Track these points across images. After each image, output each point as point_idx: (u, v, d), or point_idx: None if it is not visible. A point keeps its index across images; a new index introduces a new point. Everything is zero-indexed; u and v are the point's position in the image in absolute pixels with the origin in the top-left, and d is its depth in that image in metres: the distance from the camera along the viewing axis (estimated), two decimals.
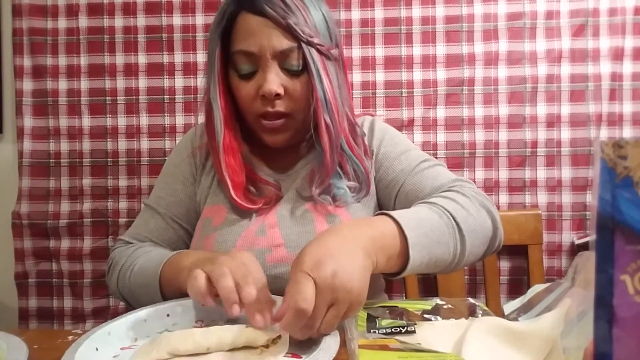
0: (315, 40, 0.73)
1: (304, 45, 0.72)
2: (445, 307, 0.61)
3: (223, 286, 0.54)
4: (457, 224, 0.66)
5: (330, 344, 0.51)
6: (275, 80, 0.73)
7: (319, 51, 0.74)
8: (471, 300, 0.62)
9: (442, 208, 0.67)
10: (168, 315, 0.63)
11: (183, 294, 0.64)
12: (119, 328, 0.58)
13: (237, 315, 0.54)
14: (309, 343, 0.54)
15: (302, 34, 0.72)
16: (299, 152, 0.86)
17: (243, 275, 0.56)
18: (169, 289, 0.70)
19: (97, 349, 0.53)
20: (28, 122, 1.40)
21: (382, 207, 0.85)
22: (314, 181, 0.79)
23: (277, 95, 0.74)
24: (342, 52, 0.82)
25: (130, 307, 0.75)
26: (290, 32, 0.72)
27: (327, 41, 0.76)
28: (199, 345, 0.52)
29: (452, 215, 0.66)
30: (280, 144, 0.80)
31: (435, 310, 0.60)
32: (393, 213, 0.63)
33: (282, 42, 0.72)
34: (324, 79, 0.74)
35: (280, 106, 0.75)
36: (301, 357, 0.52)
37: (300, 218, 0.79)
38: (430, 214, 0.66)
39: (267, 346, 0.53)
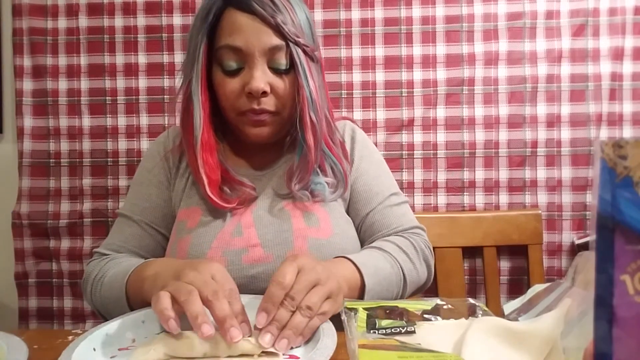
0: (301, 41, 0.74)
1: (291, 44, 0.73)
2: (445, 307, 0.60)
3: (190, 310, 0.51)
4: (404, 276, 0.76)
5: (327, 344, 0.51)
6: (262, 77, 0.73)
7: (304, 52, 0.74)
8: (471, 300, 0.62)
9: (395, 259, 0.76)
10: None
11: (149, 305, 0.60)
12: (117, 329, 0.58)
13: (210, 335, 0.51)
14: (307, 344, 0.54)
15: (289, 34, 0.72)
16: (278, 150, 0.85)
17: (214, 291, 0.53)
18: (135, 300, 0.68)
19: (94, 350, 0.53)
20: (28, 122, 1.40)
21: (349, 214, 0.86)
22: (293, 178, 0.79)
23: (264, 93, 0.73)
24: (320, 54, 0.83)
25: (105, 319, 0.72)
26: (278, 30, 0.72)
27: (310, 42, 0.76)
28: (195, 350, 0.51)
29: (401, 268, 0.76)
30: (264, 138, 0.79)
31: (435, 310, 0.60)
32: (356, 261, 0.70)
33: (271, 40, 0.72)
34: (309, 79, 0.75)
35: (265, 104, 0.75)
36: (299, 358, 0.52)
37: (277, 217, 0.78)
38: (385, 264, 0.75)
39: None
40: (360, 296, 0.69)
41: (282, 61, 0.74)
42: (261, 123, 0.77)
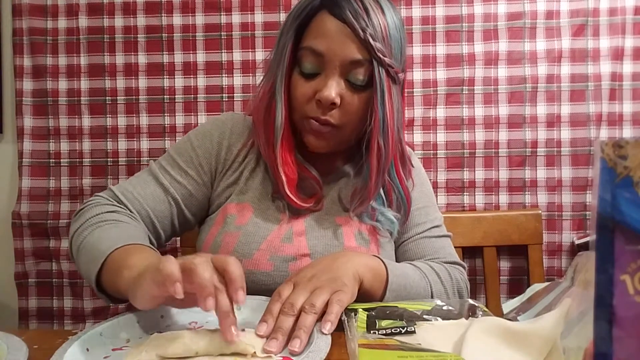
0: (387, 60, 0.70)
1: (375, 62, 0.70)
2: (445, 307, 0.61)
3: (201, 275, 0.48)
4: (432, 294, 0.74)
5: (320, 346, 0.51)
6: (335, 88, 0.70)
7: (387, 72, 0.71)
8: (471, 301, 0.62)
9: (425, 275, 0.74)
10: (162, 316, 0.62)
11: (121, 294, 0.58)
12: (112, 329, 0.57)
13: (211, 307, 0.49)
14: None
15: (376, 51, 0.69)
16: (341, 160, 0.84)
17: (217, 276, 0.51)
18: (107, 282, 0.62)
19: (87, 350, 0.53)
20: (28, 122, 1.40)
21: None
22: (354, 200, 0.79)
23: (333, 105, 0.71)
24: (405, 77, 0.80)
25: (73, 258, 0.70)
26: (365, 45, 0.69)
27: (397, 64, 0.73)
28: (187, 349, 0.51)
29: (430, 285, 0.74)
30: (321, 149, 0.77)
31: (435, 311, 0.60)
32: (384, 260, 0.70)
33: (354, 53, 0.70)
34: (386, 101, 0.71)
35: (331, 116, 0.73)
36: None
37: (329, 230, 0.78)
38: (414, 274, 0.73)
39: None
40: (383, 292, 0.67)
41: (360, 77, 0.71)
42: (321, 135, 0.75)
